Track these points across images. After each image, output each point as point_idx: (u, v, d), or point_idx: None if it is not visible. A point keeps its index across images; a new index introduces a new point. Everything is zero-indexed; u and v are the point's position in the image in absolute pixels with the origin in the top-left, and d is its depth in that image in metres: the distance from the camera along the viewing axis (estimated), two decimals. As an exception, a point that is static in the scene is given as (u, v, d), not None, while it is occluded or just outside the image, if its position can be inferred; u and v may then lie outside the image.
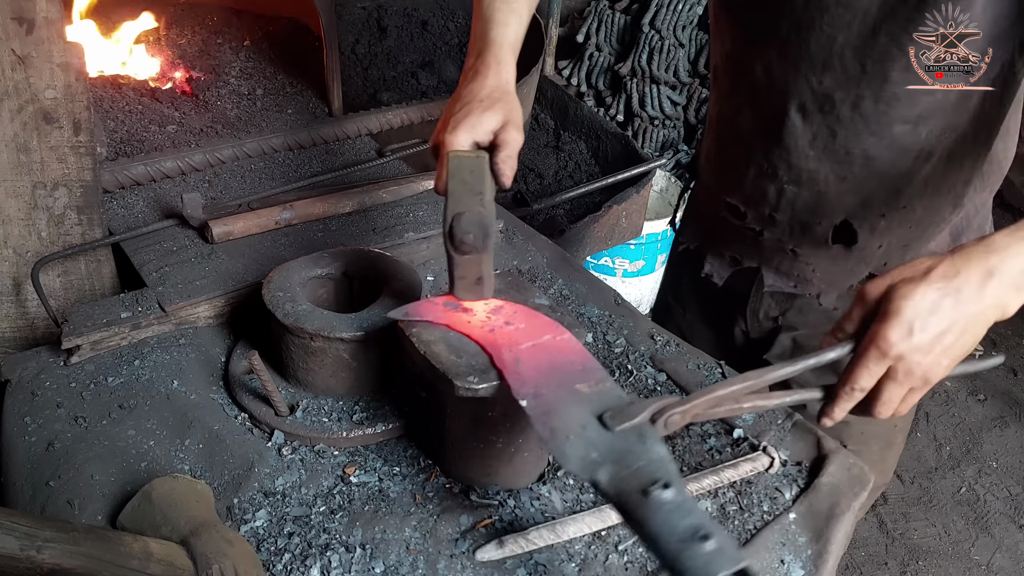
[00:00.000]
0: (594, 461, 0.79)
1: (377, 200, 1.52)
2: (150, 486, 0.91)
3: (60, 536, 0.73)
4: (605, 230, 2.27)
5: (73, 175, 1.30)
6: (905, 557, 2.50)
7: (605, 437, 0.82)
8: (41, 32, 1.19)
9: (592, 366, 0.92)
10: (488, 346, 0.94)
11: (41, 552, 0.71)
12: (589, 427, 0.83)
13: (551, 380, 0.89)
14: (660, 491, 0.74)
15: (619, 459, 0.79)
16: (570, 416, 0.84)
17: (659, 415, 0.84)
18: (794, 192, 1.22)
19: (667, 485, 0.75)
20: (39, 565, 0.71)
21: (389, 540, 0.94)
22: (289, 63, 2.06)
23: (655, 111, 3.37)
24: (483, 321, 0.98)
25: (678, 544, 0.70)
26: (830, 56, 1.10)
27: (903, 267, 0.86)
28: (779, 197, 1.24)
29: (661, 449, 0.80)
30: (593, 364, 0.93)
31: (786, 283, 1.33)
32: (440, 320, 0.98)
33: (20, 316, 1.36)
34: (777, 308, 1.39)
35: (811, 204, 1.22)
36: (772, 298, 1.39)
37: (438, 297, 1.03)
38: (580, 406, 0.86)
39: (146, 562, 0.78)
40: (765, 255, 1.33)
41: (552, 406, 0.86)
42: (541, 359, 0.92)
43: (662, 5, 3.31)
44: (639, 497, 0.75)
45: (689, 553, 0.69)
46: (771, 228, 1.29)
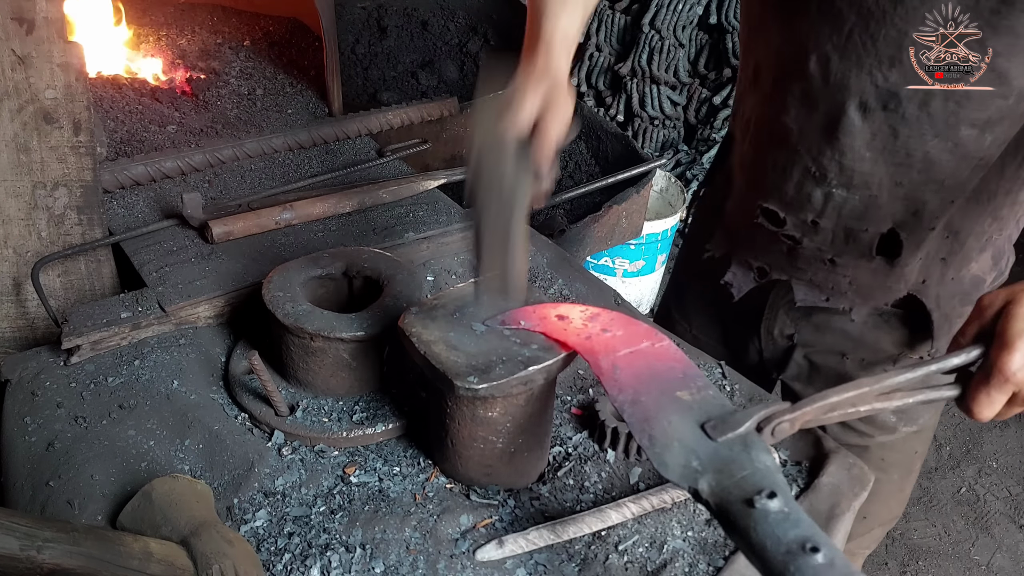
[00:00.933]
0: (695, 470, 0.77)
1: (377, 200, 1.52)
2: (150, 486, 0.91)
3: (60, 536, 0.73)
4: (605, 230, 2.27)
5: (73, 175, 1.30)
6: (905, 557, 2.51)
7: (708, 446, 0.80)
8: (41, 32, 1.19)
9: (693, 373, 0.90)
10: (585, 353, 0.93)
11: (41, 552, 0.71)
12: (690, 435, 0.81)
13: (650, 387, 0.87)
14: (766, 501, 0.72)
15: (722, 468, 0.77)
16: (670, 423, 0.82)
17: (766, 423, 0.82)
18: (843, 197, 1.16)
19: (773, 495, 0.73)
20: (39, 565, 0.71)
21: (389, 540, 0.94)
22: (289, 63, 2.07)
23: (655, 111, 3.37)
24: (580, 328, 0.96)
25: (785, 556, 0.69)
26: (899, 51, 1.04)
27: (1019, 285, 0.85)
28: (825, 202, 1.18)
29: (768, 459, 0.78)
30: (694, 371, 0.90)
31: (818, 296, 1.28)
32: (536, 328, 0.96)
33: (20, 316, 1.36)
34: (792, 326, 1.35)
35: (860, 210, 1.16)
36: (788, 315, 1.35)
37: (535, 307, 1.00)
38: (681, 414, 0.84)
39: (146, 562, 0.78)
40: (799, 266, 1.27)
41: (651, 413, 0.84)
42: (640, 365, 0.90)
43: (662, 5, 3.32)
44: (743, 507, 0.73)
45: (797, 565, 0.68)
46: (812, 236, 1.22)
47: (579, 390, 1.19)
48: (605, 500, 1.00)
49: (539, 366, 0.92)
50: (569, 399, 1.16)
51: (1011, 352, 0.82)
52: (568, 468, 1.05)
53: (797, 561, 0.68)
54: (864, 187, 1.14)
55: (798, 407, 0.83)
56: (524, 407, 0.95)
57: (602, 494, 1.02)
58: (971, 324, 0.87)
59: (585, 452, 1.08)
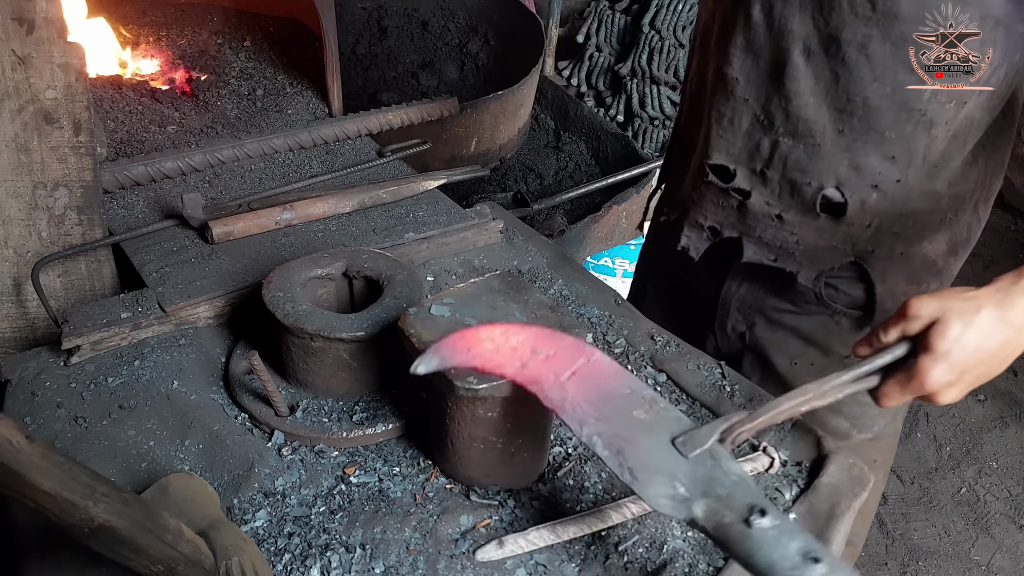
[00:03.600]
0: (685, 498, 0.79)
1: (377, 200, 1.52)
2: (166, 480, 0.91)
3: (114, 494, 0.74)
4: (605, 230, 2.27)
5: (73, 175, 1.30)
6: (905, 557, 2.50)
7: (683, 465, 0.82)
8: (41, 32, 1.19)
9: (637, 386, 0.90)
10: (528, 384, 0.89)
11: (97, 504, 0.72)
12: (665, 458, 0.82)
13: (607, 411, 0.86)
14: (759, 519, 0.75)
15: (706, 489, 0.79)
16: (643, 451, 0.83)
17: (727, 434, 0.85)
18: (789, 145, 1.18)
19: (763, 512, 0.76)
20: (92, 518, 0.72)
21: (389, 540, 0.94)
22: (289, 63, 2.07)
23: (655, 111, 3.37)
24: (511, 354, 0.92)
25: (791, 572, 0.72)
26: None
27: (949, 294, 0.92)
28: (772, 151, 1.20)
29: (738, 468, 0.81)
30: (637, 383, 0.91)
31: (767, 255, 1.28)
32: (468, 364, 0.92)
33: (20, 316, 1.36)
34: (744, 322, 1.37)
35: (804, 160, 1.18)
36: (740, 312, 1.37)
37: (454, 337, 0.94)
38: (647, 437, 0.84)
39: (178, 539, 0.80)
40: (748, 223, 1.28)
41: (621, 444, 0.83)
42: (588, 389, 0.89)
43: (662, 5, 3.32)
44: (742, 528, 0.75)
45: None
46: (760, 188, 1.24)
47: (579, 390, 1.18)
48: (605, 500, 1.00)
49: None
50: (569, 399, 1.16)
51: (936, 366, 0.90)
52: (568, 468, 1.05)
53: (805, 572, 0.71)
54: (808, 135, 1.16)
55: (753, 417, 0.89)
56: (524, 407, 0.95)
57: (602, 494, 1.02)
58: (895, 324, 0.94)
59: (585, 452, 1.08)
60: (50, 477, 0.70)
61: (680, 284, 1.48)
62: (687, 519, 0.78)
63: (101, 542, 0.74)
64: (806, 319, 1.32)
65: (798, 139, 1.17)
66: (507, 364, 0.91)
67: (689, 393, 1.18)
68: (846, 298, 1.29)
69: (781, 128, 1.18)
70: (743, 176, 1.24)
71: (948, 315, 0.90)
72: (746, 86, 1.19)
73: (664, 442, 0.84)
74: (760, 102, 1.19)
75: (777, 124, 1.18)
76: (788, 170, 1.20)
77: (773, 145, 1.20)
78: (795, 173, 1.20)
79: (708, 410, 1.15)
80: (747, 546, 0.75)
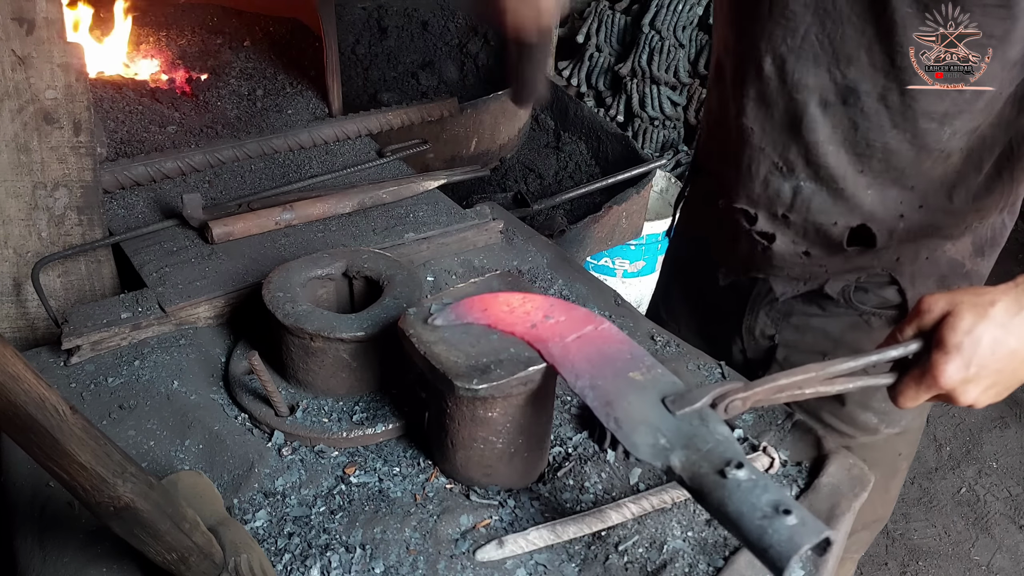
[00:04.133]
0: (664, 447, 0.81)
1: (377, 200, 1.52)
2: (176, 476, 0.92)
3: (141, 476, 0.76)
4: (605, 230, 2.27)
5: (73, 175, 1.30)
6: (905, 557, 2.50)
7: (669, 421, 0.83)
8: (41, 32, 1.19)
9: (639, 353, 0.93)
10: (534, 342, 0.94)
11: (125, 483, 0.74)
12: (652, 413, 0.84)
13: (604, 370, 0.90)
14: (735, 471, 0.76)
15: (688, 443, 0.81)
16: (631, 404, 0.85)
17: (720, 399, 0.86)
18: (811, 190, 1.19)
19: (740, 465, 0.77)
20: (119, 496, 0.73)
21: (389, 540, 0.94)
22: (289, 63, 2.07)
23: (655, 112, 3.37)
24: (524, 316, 0.98)
25: (761, 520, 0.73)
26: (856, 50, 1.07)
27: (964, 290, 0.90)
28: (794, 196, 1.21)
29: (724, 430, 0.82)
30: (640, 351, 0.93)
31: (796, 286, 1.30)
32: (481, 320, 0.97)
33: (20, 316, 1.36)
34: (773, 326, 1.37)
35: (828, 203, 1.19)
36: (768, 316, 1.36)
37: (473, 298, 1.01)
38: (638, 394, 0.87)
39: (194, 529, 0.81)
40: (775, 264, 1.29)
41: (611, 396, 0.86)
42: (590, 350, 0.93)
43: (662, 5, 3.32)
44: (716, 478, 0.77)
45: (773, 528, 0.72)
46: (783, 230, 1.25)
47: (579, 390, 1.18)
48: (605, 500, 1.00)
49: (539, 366, 0.92)
50: (569, 399, 1.16)
51: (948, 360, 0.88)
52: (568, 468, 1.05)
53: (774, 524, 0.72)
54: (830, 179, 1.17)
55: (750, 387, 0.88)
56: (524, 407, 0.95)
57: (602, 494, 1.02)
58: (910, 322, 0.92)
59: (585, 452, 1.08)
60: (87, 450, 0.71)
61: (705, 289, 1.47)
62: (664, 466, 0.80)
63: (123, 523, 0.76)
64: (835, 320, 1.32)
65: (820, 183, 1.18)
66: (518, 324, 0.96)
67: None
68: (876, 299, 1.29)
69: (802, 174, 1.19)
70: (765, 220, 1.25)
71: (959, 308, 0.88)
72: (762, 136, 1.19)
73: (654, 400, 0.86)
74: (777, 151, 1.19)
75: (797, 171, 1.19)
76: (812, 213, 1.21)
77: (795, 190, 1.20)
78: (819, 216, 1.20)
79: (708, 410, 1.15)
80: (719, 495, 0.76)
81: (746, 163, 1.23)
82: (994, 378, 0.89)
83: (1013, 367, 0.89)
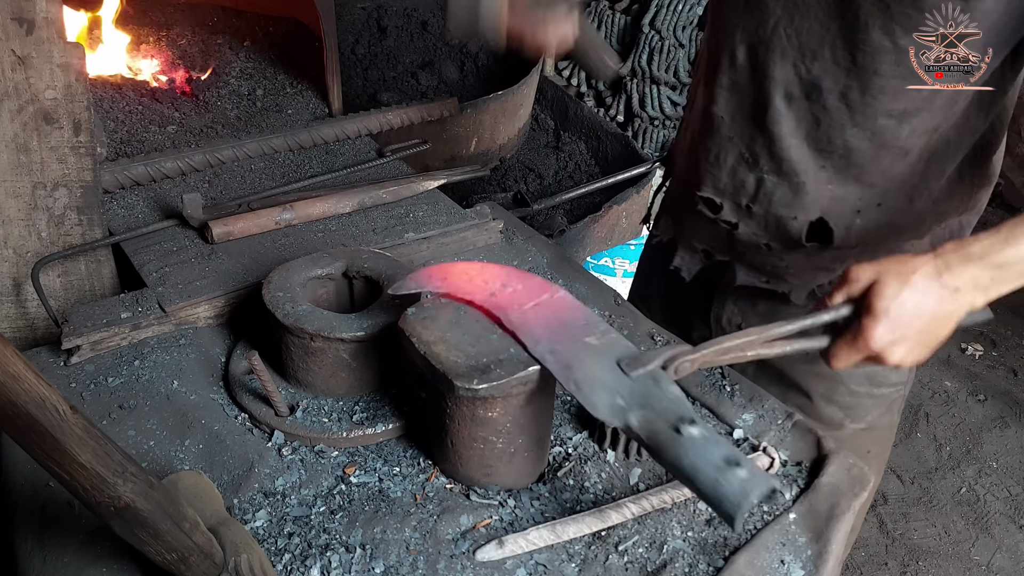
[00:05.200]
0: (622, 407, 0.86)
1: (377, 200, 1.52)
2: (176, 476, 0.92)
3: (142, 476, 0.76)
4: (605, 230, 2.27)
5: (73, 175, 1.30)
6: (905, 557, 2.50)
7: (625, 383, 0.88)
8: (41, 32, 1.19)
9: (594, 319, 0.98)
10: (494, 309, 0.98)
11: (126, 483, 0.74)
12: (609, 375, 0.89)
13: (561, 336, 0.94)
14: (689, 427, 0.82)
15: (644, 402, 0.86)
16: (589, 367, 0.90)
17: (671, 362, 0.91)
18: (773, 183, 1.21)
19: (693, 421, 0.82)
20: (119, 496, 0.74)
21: (389, 540, 0.94)
22: (289, 63, 2.07)
23: (655, 111, 3.37)
24: (482, 285, 1.01)
25: (715, 472, 0.78)
26: (821, 45, 1.09)
27: (888, 260, 0.96)
28: (758, 188, 1.23)
29: (675, 389, 0.88)
30: (594, 318, 0.98)
31: (758, 278, 1.32)
32: (441, 290, 1.01)
33: (20, 316, 1.36)
34: (740, 315, 1.38)
35: (789, 197, 1.21)
36: (735, 304, 1.38)
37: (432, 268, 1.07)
38: (595, 357, 0.92)
39: (195, 529, 0.81)
40: (738, 250, 1.31)
41: (570, 360, 0.91)
42: (548, 316, 0.97)
43: (662, 5, 3.31)
44: (671, 435, 0.82)
45: (726, 479, 0.78)
46: (746, 221, 1.27)
47: (579, 390, 1.19)
48: (605, 500, 1.00)
49: (539, 366, 0.92)
50: (569, 399, 1.16)
51: (877, 324, 0.94)
52: (568, 468, 1.05)
53: (726, 475, 0.78)
54: (792, 173, 1.19)
55: (697, 349, 0.93)
56: (524, 407, 0.95)
57: (602, 494, 1.02)
58: (839, 289, 0.99)
59: (585, 452, 1.08)
60: (87, 449, 0.72)
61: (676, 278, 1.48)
62: (623, 425, 0.85)
63: (123, 523, 0.76)
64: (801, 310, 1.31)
65: (782, 177, 1.20)
66: (477, 292, 1.00)
67: (689, 393, 1.18)
68: None
69: (766, 166, 1.21)
70: (729, 209, 1.28)
71: (885, 276, 0.94)
72: (731, 124, 1.22)
73: (610, 363, 0.91)
74: (744, 141, 1.22)
75: (762, 163, 1.21)
76: (773, 206, 1.23)
77: (758, 182, 1.23)
78: (780, 208, 1.23)
79: (708, 410, 1.15)
80: (675, 451, 0.81)
81: (714, 152, 1.26)
82: (916, 339, 0.96)
83: (933, 328, 0.96)
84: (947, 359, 3.28)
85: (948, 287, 0.94)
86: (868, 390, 1.36)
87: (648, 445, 0.84)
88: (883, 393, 1.37)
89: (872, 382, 1.35)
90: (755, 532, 0.98)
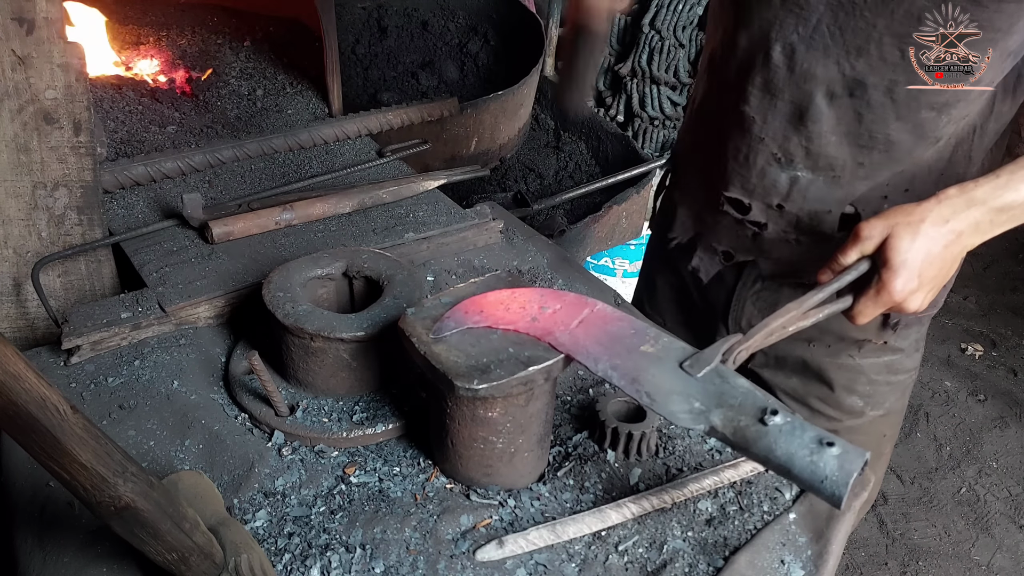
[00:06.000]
0: (701, 411, 0.84)
1: (377, 200, 1.52)
2: (176, 476, 0.92)
3: (142, 476, 0.76)
4: (605, 230, 2.27)
5: (73, 175, 1.30)
6: (905, 557, 2.50)
7: (694, 385, 0.87)
8: (41, 32, 1.19)
9: (640, 327, 0.96)
10: (541, 335, 0.95)
11: (126, 483, 0.74)
12: (677, 381, 0.88)
13: (617, 349, 0.93)
14: (772, 417, 0.81)
15: (719, 401, 0.85)
16: (655, 377, 0.89)
17: (728, 354, 0.91)
18: (808, 179, 1.20)
19: (775, 411, 0.82)
20: (120, 496, 0.74)
21: (389, 540, 0.94)
22: (289, 63, 2.07)
23: (655, 111, 3.37)
24: (520, 312, 0.99)
25: (810, 456, 0.78)
26: (867, 42, 1.08)
27: (894, 212, 1.00)
28: (791, 186, 1.22)
29: (743, 381, 0.87)
30: (640, 324, 0.97)
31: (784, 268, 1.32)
32: (481, 324, 0.97)
33: (20, 316, 1.36)
34: (760, 316, 1.37)
35: (824, 191, 1.21)
36: (755, 306, 1.37)
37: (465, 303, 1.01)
38: (657, 365, 0.90)
39: (195, 529, 0.81)
40: (764, 248, 1.31)
41: (634, 373, 0.89)
42: (596, 332, 0.95)
43: (662, 5, 3.31)
44: (758, 427, 0.81)
45: (823, 460, 0.78)
46: (776, 220, 1.26)
47: (579, 390, 1.19)
48: (605, 500, 1.00)
49: (539, 366, 0.92)
50: (569, 399, 1.16)
51: (898, 276, 0.99)
52: (568, 468, 1.05)
53: (822, 457, 0.78)
54: (829, 169, 1.20)
55: (748, 337, 0.95)
56: (524, 407, 0.95)
57: (602, 494, 1.02)
58: (851, 248, 1.02)
59: (585, 452, 1.08)
60: (87, 449, 0.72)
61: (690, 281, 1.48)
62: (706, 429, 0.84)
63: (124, 523, 0.76)
64: None
65: (818, 172, 1.20)
66: (519, 320, 0.97)
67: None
68: None
69: (800, 164, 1.20)
70: (759, 210, 1.27)
71: (897, 229, 0.98)
72: (763, 125, 1.21)
73: (673, 367, 0.90)
74: (777, 141, 1.20)
75: (796, 161, 1.20)
76: (808, 202, 1.23)
77: (791, 180, 1.22)
78: (815, 203, 1.23)
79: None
80: (766, 443, 0.80)
81: (743, 153, 1.24)
82: (931, 284, 1.01)
83: (944, 272, 1.02)
84: (947, 359, 3.28)
85: (954, 231, 0.99)
86: (886, 378, 1.37)
87: (735, 443, 0.82)
88: (899, 380, 1.39)
89: (890, 370, 1.37)
90: (755, 532, 0.98)
